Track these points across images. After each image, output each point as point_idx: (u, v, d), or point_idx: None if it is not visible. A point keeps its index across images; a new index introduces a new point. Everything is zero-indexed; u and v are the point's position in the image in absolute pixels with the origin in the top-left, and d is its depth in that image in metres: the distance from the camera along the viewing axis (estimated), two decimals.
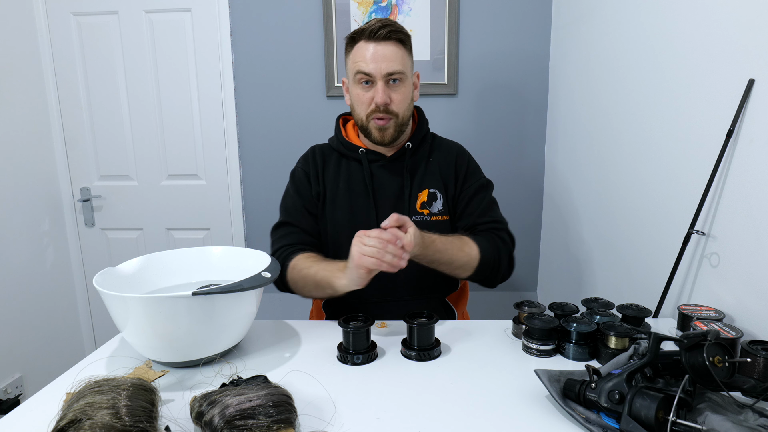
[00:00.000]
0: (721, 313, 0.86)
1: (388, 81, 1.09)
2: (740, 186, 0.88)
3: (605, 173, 1.48)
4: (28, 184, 2.01)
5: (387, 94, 1.09)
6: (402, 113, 1.13)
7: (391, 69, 1.08)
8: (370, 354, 0.82)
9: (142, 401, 0.57)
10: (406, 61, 1.11)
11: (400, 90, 1.11)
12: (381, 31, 1.07)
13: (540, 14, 1.96)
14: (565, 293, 1.82)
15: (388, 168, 1.19)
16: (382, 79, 1.08)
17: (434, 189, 1.18)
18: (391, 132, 1.13)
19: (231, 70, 2.05)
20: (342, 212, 1.17)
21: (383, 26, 1.07)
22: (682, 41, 1.07)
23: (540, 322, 0.83)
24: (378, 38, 1.07)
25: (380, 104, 1.08)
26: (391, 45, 1.08)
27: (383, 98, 1.08)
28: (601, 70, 1.51)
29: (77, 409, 0.55)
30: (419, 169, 1.19)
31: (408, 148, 1.18)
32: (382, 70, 1.07)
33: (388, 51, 1.08)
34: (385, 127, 1.12)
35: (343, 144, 1.20)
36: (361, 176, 1.18)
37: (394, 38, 1.08)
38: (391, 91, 1.10)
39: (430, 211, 1.17)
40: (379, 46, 1.07)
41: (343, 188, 1.18)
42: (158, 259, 0.95)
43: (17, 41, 1.96)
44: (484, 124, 2.05)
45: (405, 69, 1.10)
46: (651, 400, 0.57)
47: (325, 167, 1.22)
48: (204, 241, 2.21)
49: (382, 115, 1.10)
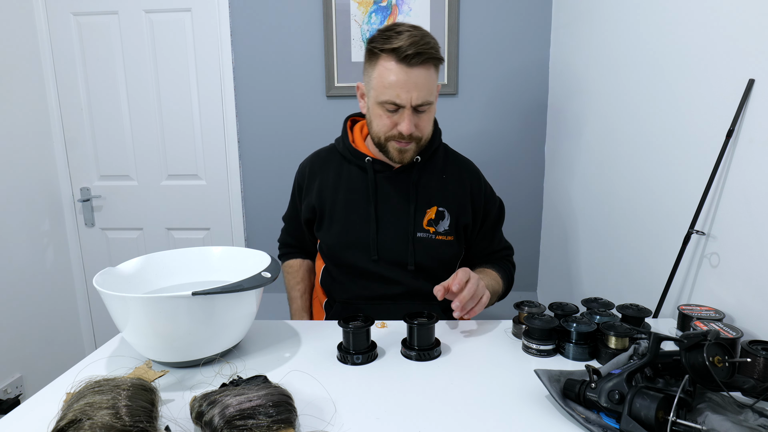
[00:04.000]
0: (721, 313, 0.86)
1: (416, 108, 1.00)
2: (740, 186, 0.88)
3: (605, 173, 1.48)
4: (28, 184, 2.01)
5: (413, 122, 1.01)
6: (425, 136, 1.07)
7: (422, 100, 0.98)
8: (370, 354, 0.82)
9: (142, 401, 0.57)
10: (434, 85, 1.02)
11: (427, 115, 1.04)
12: (416, 58, 0.95)
13: (540, 14, 1.96)
14: (565, 293, 1.82)
15: (393, 180, 1.12)
16: (410, 108, 0.99)
17: (443, 208, 1.12)
18: (412, 154, 1.07)
19: (231, 70, 2.05)
20: (339, 225, 1.13)
21: (419, 52, 0.95)
22: (682, 41, 1.07)
23: (540, 322, 0.83)
24: (412, 64, 0.96)
25: (406, 133, 1.01)
26: (425, 70, 0.97)
27: (409, 128, 1.00)
28: (601, 70, 1.51)
29: (77, 409, 0.55)
30: (429, 184, 1.13)
31: (417, 162, 1.11)
32: (413, 100, 0.98)
33: (421, 79, 0.97)
34: (406, 149, 1.05)
35: (349, 150, 1.15)
36: (363, 185, 1.12)
37: (429, 63, 0.98)
38: (418, 118, 1.02)
39: (436, 229, 1.11)
40: (413, 72, 0.96)
41: (341, 200, 1.13)
42: (158, 259, 0.95)
43: (17, 41, 1.95)
44: (484, 124, 2.05)
45: (433, 97, 1.02)
46: (651, 400, 0.57)
47: (323, 176, 1.16)
48: (204, 241, 2.21)
49: (406, 141, 1.03)
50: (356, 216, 1.12)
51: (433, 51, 0.98)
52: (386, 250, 1.11)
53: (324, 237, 1.15)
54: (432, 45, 0.98)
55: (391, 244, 1.11)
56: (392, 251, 1.11)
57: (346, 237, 1.12)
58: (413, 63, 0.96)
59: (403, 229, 1.11)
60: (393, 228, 1.11)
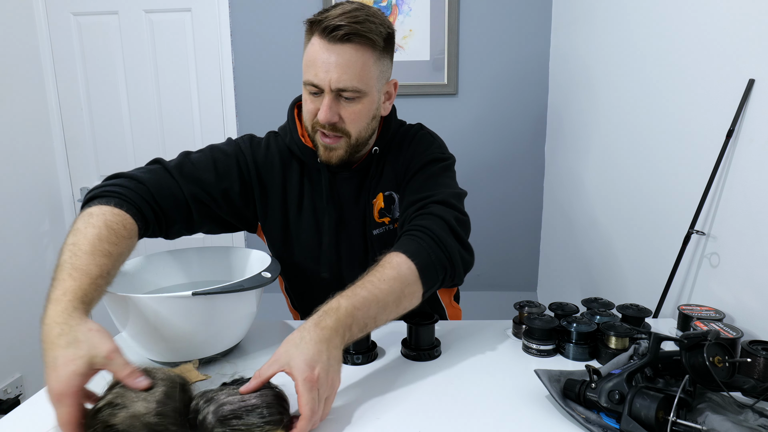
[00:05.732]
0: (721, 313, 0.86)
1: (339, 95, 0.84)
2: (740, 186, 0.88)
3: (605, 173, 1.48)
4: (28, 184, 2.01)
5: (335, 110, 0.84)
6: (357, 133, 0.88)
7: (341, 84, 0.82)
8: (370, 354, 0.82)
9: (177, 402, 0.58)
10: (368, 71, 0.84)
11: (354, 108, 0.85)
12: (337, 31, 0.79)
13: (540, 14, 1.96)
14: (565, 293, 1.82)
15: (354, 180, 0.96)
16: (330, 93, 0.83)
17: (389, 191, 0.96)
18: (341, 153, 0.89)
19: (231, 70, 2.05)
20: (307, 234, 0.97)
21: (343, 24, 0.79)
22: (682, 41, 1.07)
23: (540, 322, 0.83)
24: (333, 39, 0.80)
25: (323, 122, 0.85)
26: (350, 49, 0.81)
27: (327, 116, 0.83)
28: (601, 70, 1.51)
29: (117, 393, 0.56)
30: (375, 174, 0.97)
31: (375, 153, 0.95)
32: (332, 82, 0.82)
33: (344, 59, 0.81)
34: (333, 147, 0.88)
35: (297, 145, 0.94)
36: (322, 190, 0.95)
37: (355, 42, 0.81)
38: (342, 107, 0.85)
39: (391, 217, 0.96)
40: (334, 49, 0.81)
41: (308, 207, 0.97)
42: (158, 259, 0.95)
43: (17, 41, 1.96)
44: (484, 124, 2.05)
45: (362, 84, 0.83)
46: (651, 400, 0.57)
47: (286, 177, 0.97)
48: (204, 241, 2.21)
49: (328, 132, 0.86)
50: (321, 229, 0.96)
51: (361, 29, 0.80)
52: (346, 265, 0.98)
53: (294, 241, 0.99)
54: (365, 23, 0.81)
55: (350, 256, 0.98)
56: (353, 263, 0.97)
57: (316, 251, 0.97)
58: (335, 38, 0.80)
59: (359, 234, 0.97)
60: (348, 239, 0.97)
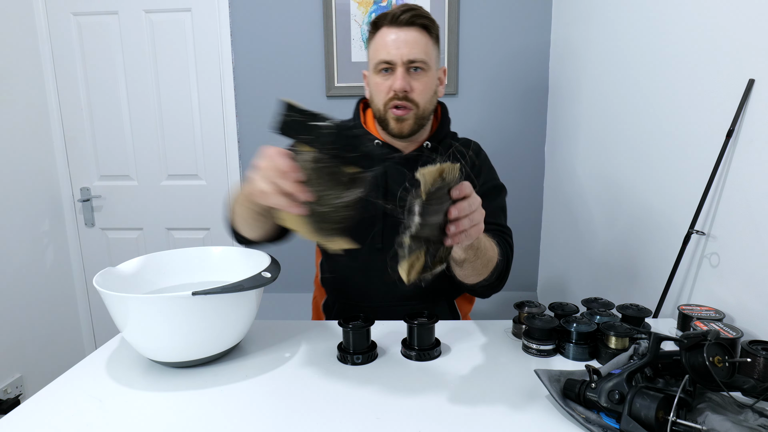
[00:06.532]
0: (721, 313, 0.86)
1: (408, 68, 1.01)
2: (740, 186, 0.88)
3: (605, 173, 1.48)
4: (28, 184, 2.01)
5: (407, 80, 1.00)
6: (423, 104, 1.03)
7: (412, 56, 1.00)
8: (370, 354, 0.82)
9: None
10: (430, 50, 1.03)
11: (422, 79, 1.02)
12: (404, 15, 0.99)
13: (540, 14, 1.96)
14: (565, 293, 1.82)
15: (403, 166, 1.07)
16: (402, 65, 1.00)
17: None
18: (411, 123, 1.03)
19: (231, 70, 2.05)
20: None
21: (406, 11, 1.00)
22: (682, 41, 1.07)
23: (540, 322, 0.83)
24: (400, 23, 1.00)
25: (399, 90, 1.00)
26: (414, 31, 1.01)
27: (402, 84, 0.99)
28: (601, 70, 1.51)
29: None
30: None
31: (427, 147, 1.09)
32: (403, 56, 0.99)
33: (411, 37, 1.00)
34: (404, 118, 1.02)
35: None
36: None
37: (418, 24, 1.01)
38: (412, 79, 1.01)
39: None
40: (402, 31, 1.00)
41: None
42: (158, 259, 0.95)
43: (17, 41, 1.95)
44: (484, 123, 2.05)
45: (428, 58, 1.02)
46: (651, 400, 0.57)
47: None
48: (204, 241, 2.21)
49: (401, 103, 1.01)
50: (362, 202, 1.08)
51: (423, 13, 1.01)
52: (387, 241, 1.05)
53: None
54: (423, 12, 1.02)
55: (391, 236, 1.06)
56: None
57: None
58: (401, 22, 1.00)
59: None
60: None
